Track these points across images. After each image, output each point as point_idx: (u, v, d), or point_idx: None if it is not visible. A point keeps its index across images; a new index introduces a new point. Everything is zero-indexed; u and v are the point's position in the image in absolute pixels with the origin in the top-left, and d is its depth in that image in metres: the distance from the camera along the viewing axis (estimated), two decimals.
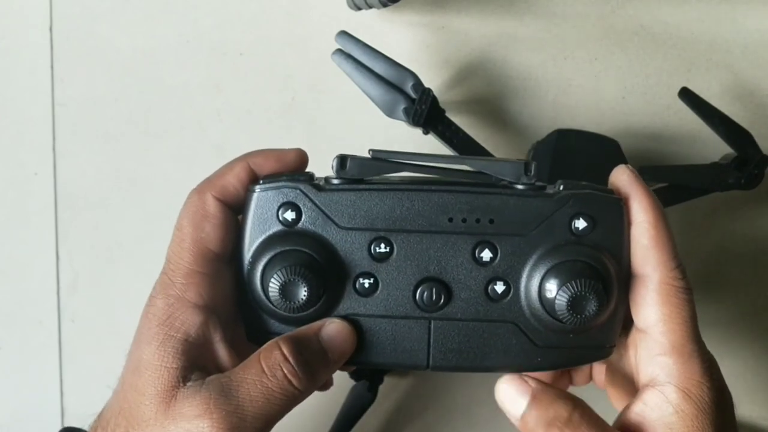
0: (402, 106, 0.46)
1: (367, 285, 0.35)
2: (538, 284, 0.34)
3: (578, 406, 0.34)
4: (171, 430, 0.33)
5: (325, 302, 0.35)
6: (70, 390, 0.53)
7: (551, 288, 0.33)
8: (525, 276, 0.35)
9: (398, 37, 0.51)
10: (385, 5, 0.46)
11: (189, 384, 0.34)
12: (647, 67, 0.52)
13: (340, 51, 0.47)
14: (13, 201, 0.53)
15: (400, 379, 0.53)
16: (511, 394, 0.35)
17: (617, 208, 0.35)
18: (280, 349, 0.34)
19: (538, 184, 0.35)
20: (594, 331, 0.35)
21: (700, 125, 0.48)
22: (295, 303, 0.33)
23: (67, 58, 0.52)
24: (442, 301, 0.35)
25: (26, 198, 0.53)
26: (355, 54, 0.47)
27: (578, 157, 0.47)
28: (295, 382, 0.34)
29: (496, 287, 0.35)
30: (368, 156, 0.35)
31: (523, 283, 0.35)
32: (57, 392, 0.53)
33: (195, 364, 0.34)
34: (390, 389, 0.52)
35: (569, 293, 0.33)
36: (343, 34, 0.47)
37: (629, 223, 0.35)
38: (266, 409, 0.33)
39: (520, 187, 0.35)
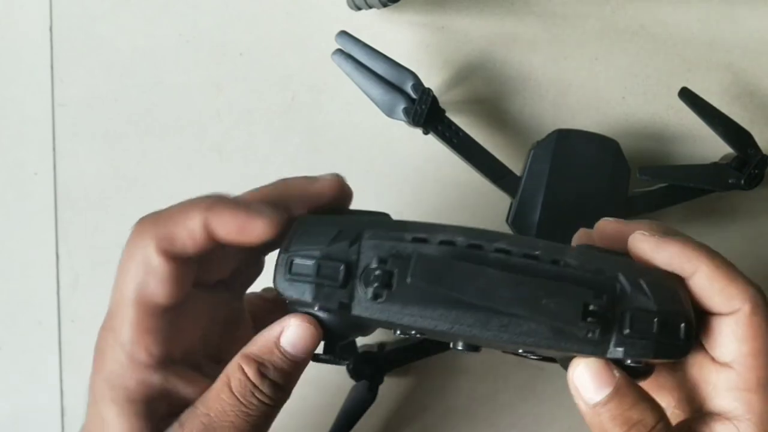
0: (402, 106, 0.46)
1: (403, 336, 0.34)
2: None
3: (664, 417, 0.32)
4: None
5: None
6: (70, 390, 0.53)
7: None
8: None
9: (398, 37, 0.51)
10: (385, 5, 0.46)
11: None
12: (647, 67, 0.52)
13: (340, 51, 0.47)
14: (13, 201, 0.53)
15: (400, 379, 0.53)
16: (590, 377, 0.32)
17: None
18: (245, 375, 0.32)
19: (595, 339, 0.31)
20: None
21: (700, 125, 0.48)
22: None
23: (67, 58, 0.52)
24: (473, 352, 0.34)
25: (26, 198, 0.53)
26: (355, 54, 0.47)
27: (578, 157, 0.47)
28: (269, 401, 0.33)
29: (531, 357, 0.35)
30: (409, 285, 0.31)
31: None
32: (57, 392, 0.53)
33: (164, 415, 0.33)
34: (390, 389, 0.52)
35: None
36: (343, 34, 0.47)
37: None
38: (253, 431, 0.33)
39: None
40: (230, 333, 0.37)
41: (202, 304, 0.35)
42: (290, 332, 0.32)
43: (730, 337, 0.32)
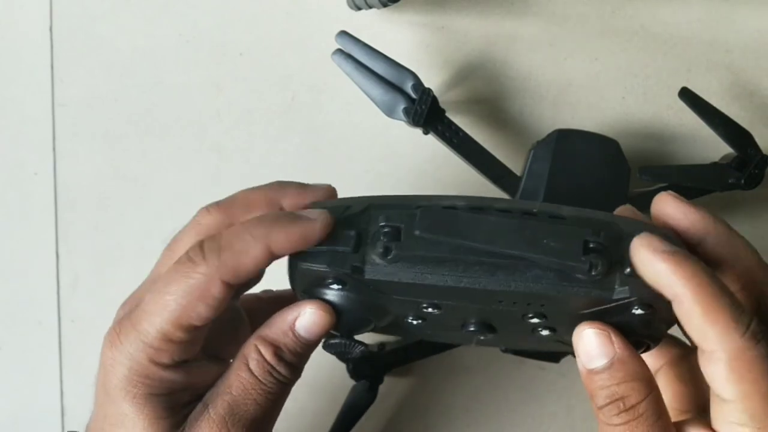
0: (402, 106, 0.46)
1: (416, 323, 0.36)
2: None
3: (652, 398, 0.32)
4: None
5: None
6: (70, 390, 0.53)
7: None
8: (574, 331, 0.34)
9: (398, 37, 0.51)
10: (385, 5, 0.46)
11: (191, 416, 0.34)
12: (647, 67, 0.52)
13: (340, 51, 0.47)
14: (13, 201, 0.53)
15: (400, 379, 0.53)
16: (589, 344, 0.32)
17: None
18: (263, 356, 0.34)
19: (599, 277, 0.31)
20: None
21: (700, 125, 0.48)
22: (351, 355, 0.36)
23: (67, 58, 0.52)
24: (487, 335, 0.35)
25: (26, 198, 0.53)
26: (355, 54, 0.47)
27: (578, 157, 0.47)
28: (285, 380, 0.34)
29: (541, 332, 0.35)
30: (417, 237, 0.32)
31: (569, 332, 0.34)
32: (57, 392, 0.53)
33: (186, 403, 0.34)
34: (390, 389, 0.52)
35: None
36: (343, 34, 0.47)
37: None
38: (273, 407, 0.35)
39: (579, 276, 0.31)
40: (230, 334, 0.38)
41: None
42: (305, 318, 0.34)
43: (717, 378, 0.31)
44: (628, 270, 0.31)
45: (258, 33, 0.52)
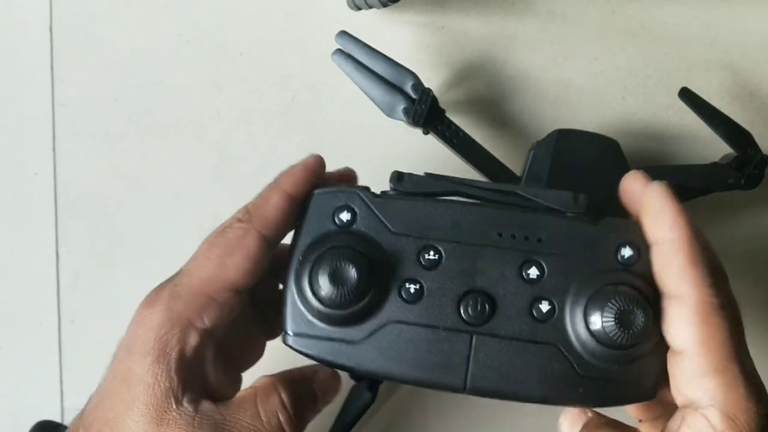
0: (402, 106, 0.46)
1: (412, 291, 0.35)
2: (584, 307, 0.34)
3: None
4: None
5: (369, 302, 0.34)
6: (70, 390, 0.53)
7: (597, 310, 0.33)
8: (570, 298, 0.34)
9: (398, 37, 0.51)
10: (385, 5, 0.46)
11: (182, 408, 0.33)
12: (647, 67, 0.52)
13: (340, 51, 0.47)
14: (13, 201, 0.53)
15: None
16: (568, 421, 0.36)
17: None
18: (279, 395, 0.34)
19: (582, 210, 0.36)
20: (638, 364, 0.34)
21: (700, 125, 0.48)
22: (345, 288, 0.33)
23: (67, 58, 0.52)
24: (486, 313, 0.35)
25: (26, 198, 0.53)
26: (355, 54, 0.47)
27: (578, 157, 0.47)
28: (288, 429, 0.34)
29: (540, 306, 0.35)
30: (426, 174, 0.37)
31: (568, 305, 0.35)
32: (57, 392, 0.53)
33: (187, 385, 0.34)
34: (390, 389, 0.52)
35: (615, 308, 0.33)
36: (343, 34, 0.47)
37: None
38: None
39: (568, 214, 0.36)
40: (244, 334, 0.39)
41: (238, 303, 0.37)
42: (323, 374, 0.37)
43: (680, 322, 0.33)
44: (606, 219, 0.35)
45: (258, 33, 0.52)
